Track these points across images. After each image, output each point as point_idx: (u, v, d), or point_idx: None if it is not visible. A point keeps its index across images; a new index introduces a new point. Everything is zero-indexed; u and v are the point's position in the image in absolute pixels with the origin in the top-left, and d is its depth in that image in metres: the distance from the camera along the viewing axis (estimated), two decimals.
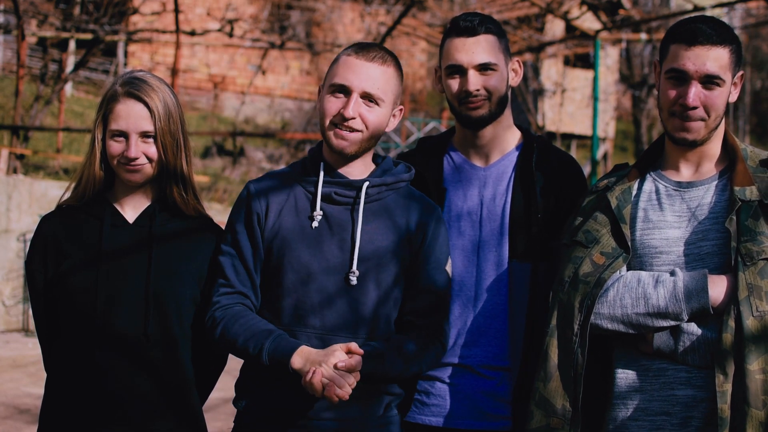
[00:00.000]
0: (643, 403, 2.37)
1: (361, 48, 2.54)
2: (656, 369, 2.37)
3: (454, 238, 2.76)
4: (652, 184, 2.51)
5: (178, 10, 14.27)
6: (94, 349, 2.46)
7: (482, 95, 2.75)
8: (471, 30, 2.74)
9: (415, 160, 2.87)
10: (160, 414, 2.50)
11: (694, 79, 2.38)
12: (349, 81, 2.49)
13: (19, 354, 9.73)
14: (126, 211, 2.59)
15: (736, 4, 11.24)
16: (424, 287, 2.56)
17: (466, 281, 2.76)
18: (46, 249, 2.55)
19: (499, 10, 16.52)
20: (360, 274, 2.48)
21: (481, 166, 2.84)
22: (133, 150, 2.50)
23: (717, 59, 2.38)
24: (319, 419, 2.45)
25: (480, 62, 2.73)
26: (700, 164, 2.49)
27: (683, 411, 2.32)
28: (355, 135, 2.50)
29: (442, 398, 2.73)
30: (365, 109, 2.50)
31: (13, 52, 19.95)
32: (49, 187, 11.81)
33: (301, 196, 2.54)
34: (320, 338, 2.45)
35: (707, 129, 2.42)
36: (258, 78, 21.54)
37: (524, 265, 2.73)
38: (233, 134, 16.64)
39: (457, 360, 2.74)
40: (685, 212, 2.43)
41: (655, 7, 21.67)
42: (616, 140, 24.90)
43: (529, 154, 2.82)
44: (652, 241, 2.43)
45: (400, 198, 2.59)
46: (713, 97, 2.40)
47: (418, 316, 2.56)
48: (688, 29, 2.40)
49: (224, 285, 2.51)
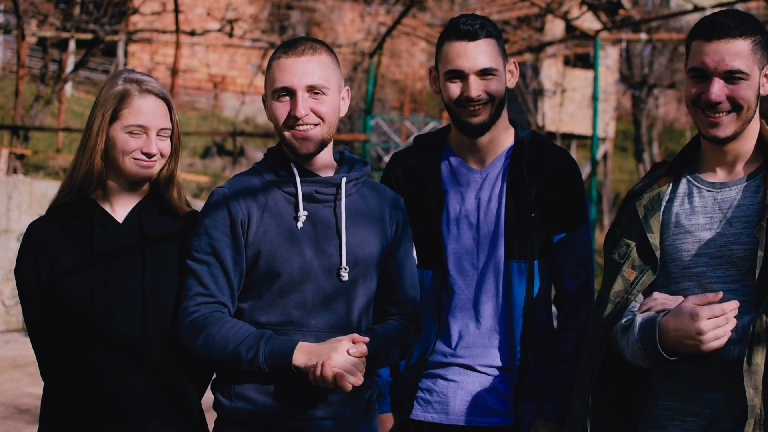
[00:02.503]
0: (678, 403, 2.37)
1: (289, 47, 2.51)
2: (689, 370, 2.34)
3: (452, 242, 2.78)
4: (686, 186, 2.47)
5: (178, 10, 14.27)
6: (94, 350, 2.46)
7: (483, 99, 2.74)
8: (472, 34, 2.72)
9: (414, 161, 2.87)
10: (161, 414, 2.49)
11: (715, 75, 2.32)
12: (289, 82, 2.47)
13: (19, 354, 9.73)
14: (116, 210, 2.58)
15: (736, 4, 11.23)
16: (400, 283, 2.62)
17: (465, 284, 2.78)
18: (37, 255, 2.53)
19: (499, 10, 16.51)
20: (350, 274, 2.49)
21: (477, 169, 2.85)
22: (154, 146, 2.51)
23: (737, 53, 2.30)
24: (315, 419, 2.45)
25: (482, 67, 2.72)
26: (735, 163, 2.42)
27: (713, 413, 2.31)
28: (314, 130, 2.49)
29: (445, 395, 2.76)
30: (314, 102, 2.48)
31: (13, 52, 19.95)
32: (49, 187, 11.81)
33: (279, 198, 2.52)
34: (316, 336, 2.45)
35: (739, 122, 2.36)
36: (258, 78, 21.53)
37: (520, 263, 2.75)
38: (233, 134, 16.62)
39: (459, 360, 2.77)
40: (717, 213, 2.38)
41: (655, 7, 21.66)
42: (616, 140, 24.88)
43: (520, 152, 2.83)
44: (685, 245, 2.39)
45: (374, 198, 2.62)
46: (739, 90, 2.33)
47: (395, 305, 2.63)
48: (706, 23, 2.34)
49: (202, 294, 2.45)
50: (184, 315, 2.46)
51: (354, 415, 2.51)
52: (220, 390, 2.50)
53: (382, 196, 2.65)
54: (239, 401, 2.46)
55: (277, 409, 2.44)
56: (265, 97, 2.56)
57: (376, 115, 18.92)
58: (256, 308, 2.48)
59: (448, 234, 2.79)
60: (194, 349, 2.44)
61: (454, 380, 2.76)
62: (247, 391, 2.45)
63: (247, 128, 21.01)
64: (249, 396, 2.45)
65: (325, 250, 2.49)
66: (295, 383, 2.42)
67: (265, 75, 2.56)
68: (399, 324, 2.59)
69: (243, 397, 2.45)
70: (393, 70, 23.77)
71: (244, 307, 2.50)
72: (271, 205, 2.51)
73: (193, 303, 2.45)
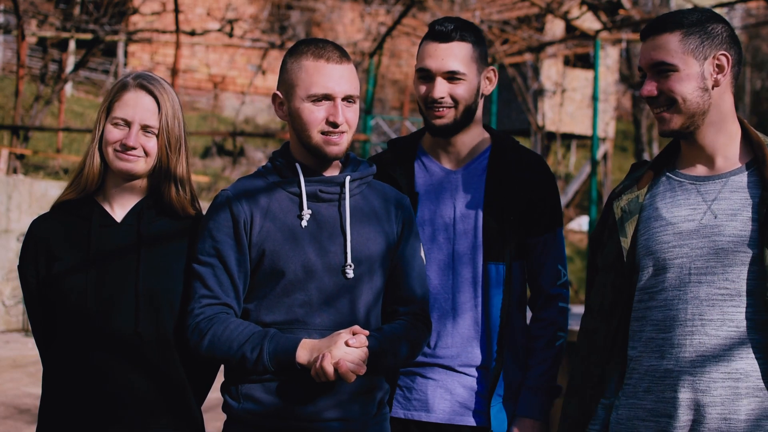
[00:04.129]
0: (650, 403, 2.38)
1: (322, 50, 2.49)
2: (663, 371, 2.36)
3: (427, 242, 2.80)
4: (668, 182, 2.49)
5: (178, 10, 14.28)
6: (91, 349, 2.46)
7: (447, 103, 2.75)
8: (445, 36, 2.74)
9: (387, 163, 2.88)
10: (158, 414, 2.49)
11: (646, 72, 2.40)
12: (331, 89, 2.46)
13: (19, 354, 9.73)
14: (115, 209, 2.58)
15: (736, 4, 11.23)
16: (407, 282, 2.62)
17: (441, 285, 2.79)
18: (37, 252, 2.54)
19: (499, 10, 16.50)
20: (355, 271, 2.49)
21: (451, 169, 2.85)
22: (133, 139, 2.50)
23: (662, 46, 2.37)
24: (323, 420, 2.45)
25: (448, 69, 2.73)
26: (713, 158, 2.44)
27: (686, 414, 2.32)
28: (344, 138, 2.50)
29: (424, 393, 2.77)
30: (348, 110, 2.50)
31: (13, 52, 19.95)
32: (49, 187, 11.82)
33: (283, 198, 2.52)
34: (321, 334, 2.44)
35: (684, 115, 2.38)
36: (258, 78, 21.54)
37: (498, 266, 2.76)
38: (233, 134, 16.64)
39: (438, 360, 2.78)
40: (701, 205, 2.40)
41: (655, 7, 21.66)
42: (616, 140, 24.89)
43: (498, 157, 2.84)
44: (665, 236, 2.40)
45: (379, 199, 2.62)
46: (667, 83, 2.37)
47: (402, 304, 2.62)
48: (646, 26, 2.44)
49: (207, 296, 2.46)
50: (191, 317, 2.47)
51: (363, 417, 2.50)
52: (228, 391, 2.50)
53: (387, 195, 2.65)
54: (247, 402, 2.46)
55: (285, 410, 2.43)
56: (287, 96, 2.54)
57: (376, 115, 18.93)
58: (262, 308, 2.48)
59: (422, 234, 2.79)
60: (201, 351, 2.44)
61: (434, 378, 2.77)
62: (255, 393, 2.45)
63: (247, 128, 21.02)
64: (257, 397, 2.45)
65: (329, 248, 2.49)
66: (303, 384, 2.42)
67: (289, 74, 2.53)
68: (406, 322, 2.58)
69: (251, 398, 2.45)
70: (393, 70, 23.78)
71: (250, 307, 2.50)
72: (274, 205, 2.51)
73: (198, 305, 2.46)
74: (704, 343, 2.31)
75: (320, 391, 2.43)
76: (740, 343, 2.30)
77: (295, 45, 2.58)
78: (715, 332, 2.31)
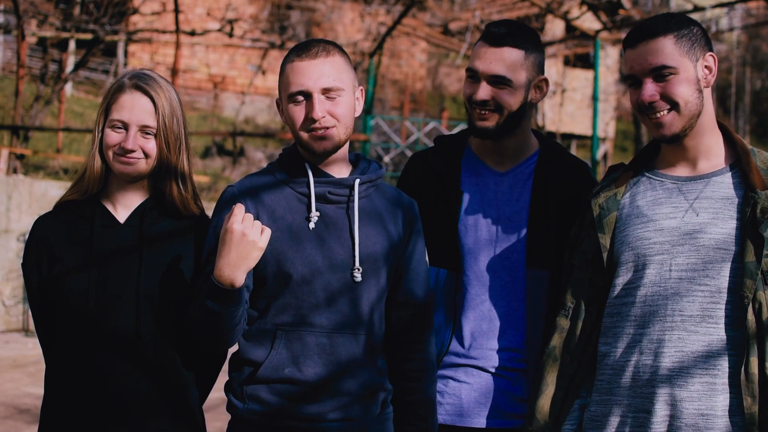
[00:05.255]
0: (628, 399, 2.38)
1: (302, 49, 2.51)
2: (641, 366, 2.37)
3: (469, 242, 2.76)
4: (648, 182, 2.50)
5: (178, 10, 14.28)
6: (92, 349, 2.46)
7: (490, 107, 2.72)
8: (496, 39, 2.71)
9: (432, 160, 2.86)
10: (159, 414, 2.49)
11: (644, 78, 2.38)
12: (305, 85, 2.47)
13: (19, 354, 9.73)
14: (118, 210, 2.58)
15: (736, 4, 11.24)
16: (406, 299, 2.61)
17: (479, 285, 2.76)
18: (39, 251, 2.55)
19: (499, 10, 16.52)
20: (362, 273, 2.49)
21: (498, 170, 2.83)
22: (131, 142, 2.49)
23: (658, 50, 2.37)
24: (325, 421, 2.45)
25: (493, 73, 2.70)
26: (696, 160, 2.46)
27: (663, 409, 2.33)
28: (330, 131, 2.49)
29: (457, 397, 2.73)
30: (330, 104, 2.48)
31: (13, 52, 19.95)
32: (49, 187, 11.81)
33: (291, 198, 2.52)
34: (327, 336, 2.45)
35: (683, 119, 2.39)
36: (258, 78, 21.53)
37: (542, 273, 2.73)
38: (233, 134, 16.63)
39: (471, 361, 2.74)
40: (682, 203, 2.41)
41: (655, 7, 21.67)
42: (616, 140, 24.89)
43: (546, 162, 2.82)
44: (646, 232, 2.41)
45: (386, 202, 2.61)
46: (669, 86, 2.37)
47: (403, 329, 2.61)
48: (630, 32, 2.42)
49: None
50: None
51: (367, 417, 2.50)
52: (233, 391, 2.50)
53: (396, 199, 2.64)
54: (251, 403, 2.46)
55: (290, 410, 2.43)
56: (280, 100, 2.56)
57: (376, 115, 18.92)
58: (269, 310, 2.48)
59: (465, 234, 2.76)
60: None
61: (467, 382, 2.73)
62: (260, 393, 2.45)
63: (247, 128, 21.01)
64: (261, 397, 2.45)
65: (337, 250, 2.48)
66: (307, 385, 2.42)
67: (279, 79, 2.55)
68: (420, 365, 2.63)
69: (255, 398, 2.46)
70: (393, 70, 23.77)
71: (258, 309, 2.49)
72: (281, 204, 2.51)
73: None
74: (683, 338, 2.33)
75: (324, 392, 2.43)
76: (719, 340, 2.31)
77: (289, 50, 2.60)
78: (695, 328, 2.32)
